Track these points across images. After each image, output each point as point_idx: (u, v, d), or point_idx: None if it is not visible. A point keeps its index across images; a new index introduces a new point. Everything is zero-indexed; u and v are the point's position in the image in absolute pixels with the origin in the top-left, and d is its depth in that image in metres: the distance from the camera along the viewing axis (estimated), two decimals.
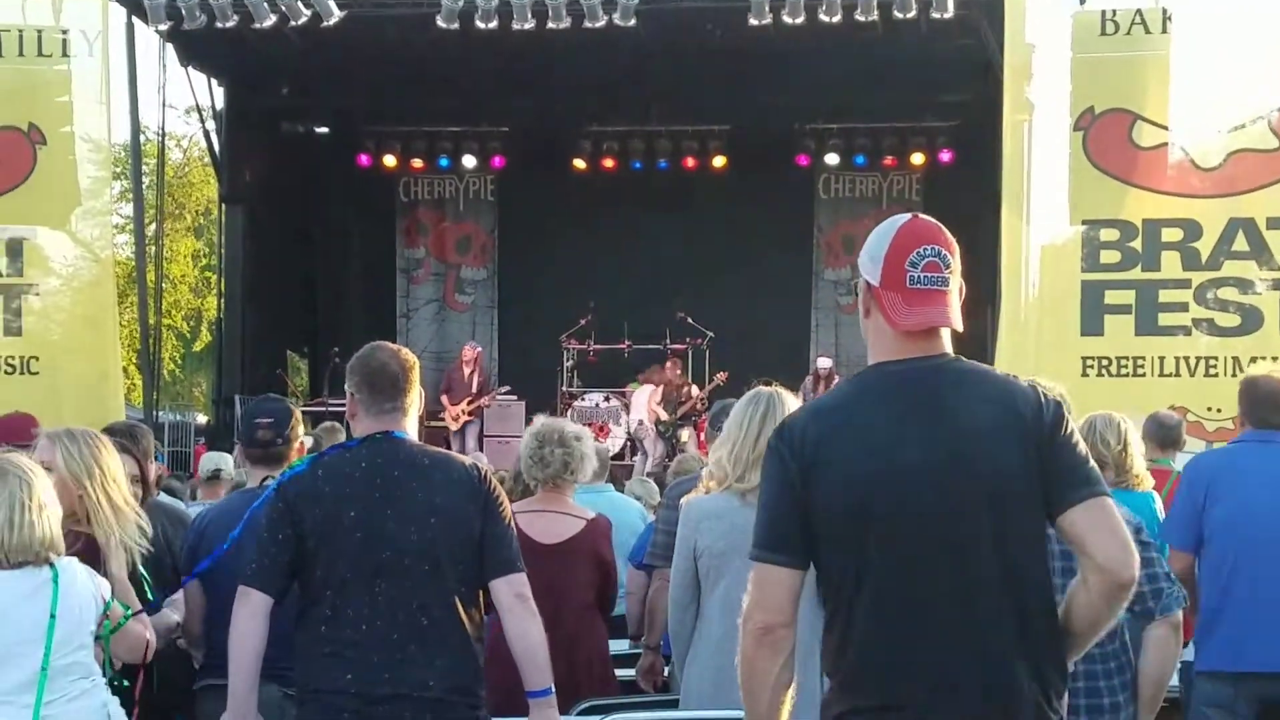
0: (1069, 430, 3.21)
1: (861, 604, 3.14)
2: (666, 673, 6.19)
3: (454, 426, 18.50)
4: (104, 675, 4.37)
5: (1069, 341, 13.09)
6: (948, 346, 3.27)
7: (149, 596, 4.95)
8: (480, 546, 4.30)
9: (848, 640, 3.16)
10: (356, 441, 4.39)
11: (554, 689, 4.38)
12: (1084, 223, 13.22)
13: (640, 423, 18.36)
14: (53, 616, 4.18)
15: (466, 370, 18.62)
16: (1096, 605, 3.14)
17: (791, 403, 5.18)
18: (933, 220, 3.32)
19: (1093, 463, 3.21)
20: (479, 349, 19.34)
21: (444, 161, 21.19)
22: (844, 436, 3.17)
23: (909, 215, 3.34)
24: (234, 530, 4.58)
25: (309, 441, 5.99)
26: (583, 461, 6.18)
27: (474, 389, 18.44)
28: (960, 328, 3.26)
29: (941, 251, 3.24)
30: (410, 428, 4.45)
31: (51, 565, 4.22)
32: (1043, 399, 3.20)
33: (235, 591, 4.30)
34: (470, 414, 18.43)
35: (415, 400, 4.48)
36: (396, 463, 4.31)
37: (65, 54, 13.41)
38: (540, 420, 6.44)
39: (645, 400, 18.29)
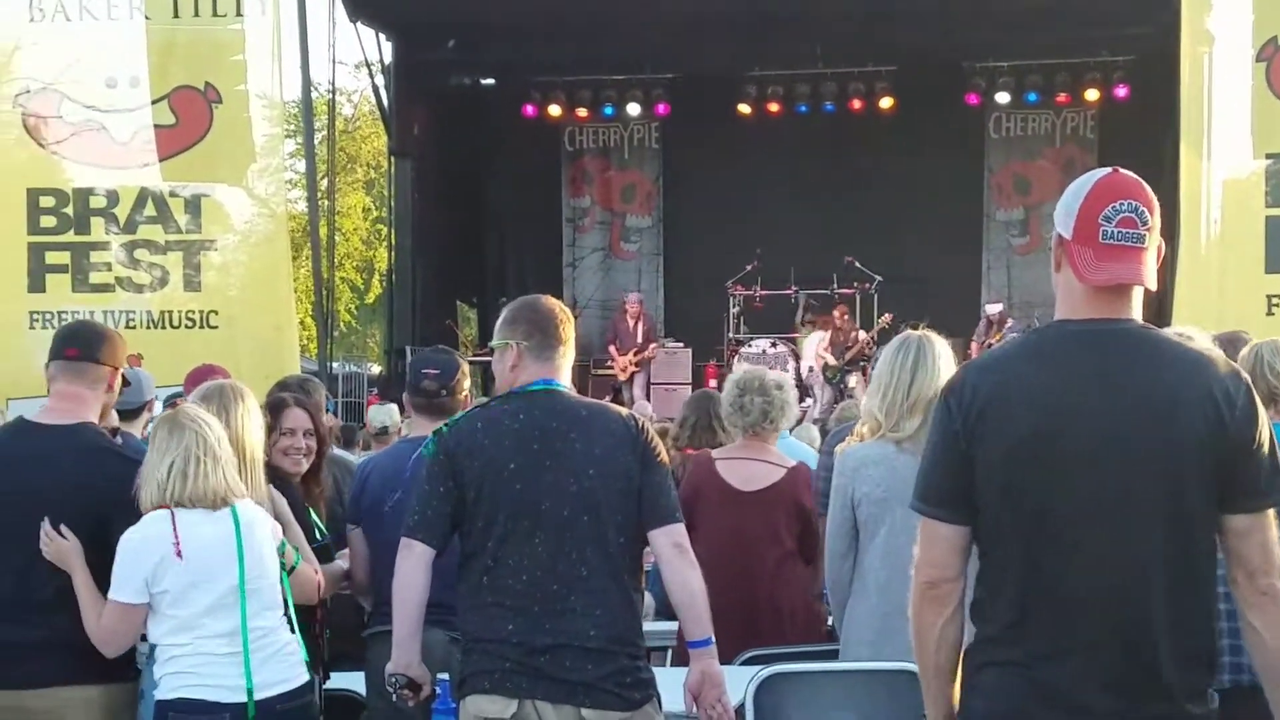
0: (1260, 425, 3.12)
1: (1017, 563, 3.13)
2: (829, 621, 6.22)
3: (622, 376, 18.72)
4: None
5: (1252, 280, 12.77)
6: (1137, 309, 3.20)
7: (317, 538, 5.13)
8: (639, 497, 4.32)
9: (1001, 595, 3.16)
10: (516, 393, 4.41)
11: (714, 639, 4.36)
12: (1267, 156, 12.87)
13: (810, 369, 18.34)
14: (239, 544, 4.39)
15: (631, 321, 18.76)
16: (1253, 613, 3.14)
17: (942, 348, 5.16)
18: (1133, 175, 3.23)
19: (1277, 468, 3.13)
20: (641, 298, 19.41)
21: (609, 110, 21.21)
22: (1014, 393, 3.13)
23: (1109, 169, 3.26)
24: (400, 477, 4.67)
25: None
26: (784, 410, 6.21)
27: (639, 339, 18.58)
28: (1154, 286, 3.19)
29: (1139, 207, 3.16)
30: (567, 379, 4.48)
31: (231, 506, 4.44)
32: (1238, 384, 3.12)
33: (398, 541, 4.38)
34: (637, 364, 18.59)
35: (572, 352, 4.51)
36: (555, 414, 4.34)
37: (239, 13, 13.69)
38: (742, 368, 6.44)
39: (814, 346, 18.28)
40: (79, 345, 4.77)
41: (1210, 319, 11.82)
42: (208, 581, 4.34)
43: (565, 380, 4.47)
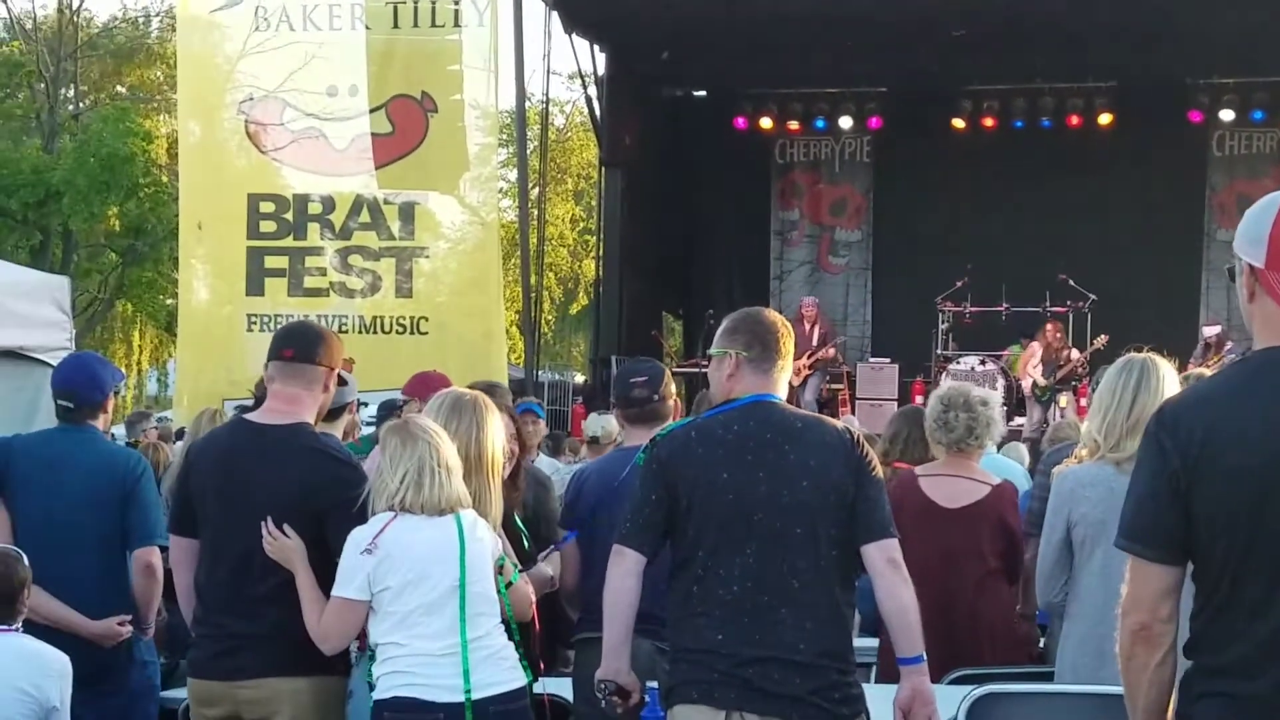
0: None
1: (1247, 594, 3.02)
2: (1041, 644, 6.11)
3: (795, 381, 18.54)
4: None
5: None
6: None
7: (525, 545, 5.16)
8: (852, 511, 4.27)
9: (1230, 628, 3.06)
10: (731, 405, 4.39)
11: (925, 656, 4.31)
12: None
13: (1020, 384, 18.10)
14: (462, 545, 4.43)
15: (807, 325, 18.54)
16: None
17: (1166, 370, 5.05)
18: None
19: None
20: (816, 302, 19.28)
21: (820, 123, 21.15)
22: (1234, 423, 3.02)
23: None
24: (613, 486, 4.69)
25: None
26: (989, 427, 6.09)
27: (814, 342, 18.37)
28: None
29: None
30: (783, 393, 4.47)
31: (456, 515, 4.49)
32: None
33: (609, 548, 4.39)
34: (810, 368, 18.37)
35: (789, 367, 4.48)
36: (769, 425, 4.31)
37: (457, 24, 13.91)
38: (947, 384, 6.38)
39: (1026, 362, 18.01)
40: (296, 346, 4.85)
41: None
42: (427, 580, 4.39)
43: (781, 394, 4.45)
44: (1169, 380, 5.03)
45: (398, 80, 13.85)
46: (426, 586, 4.39)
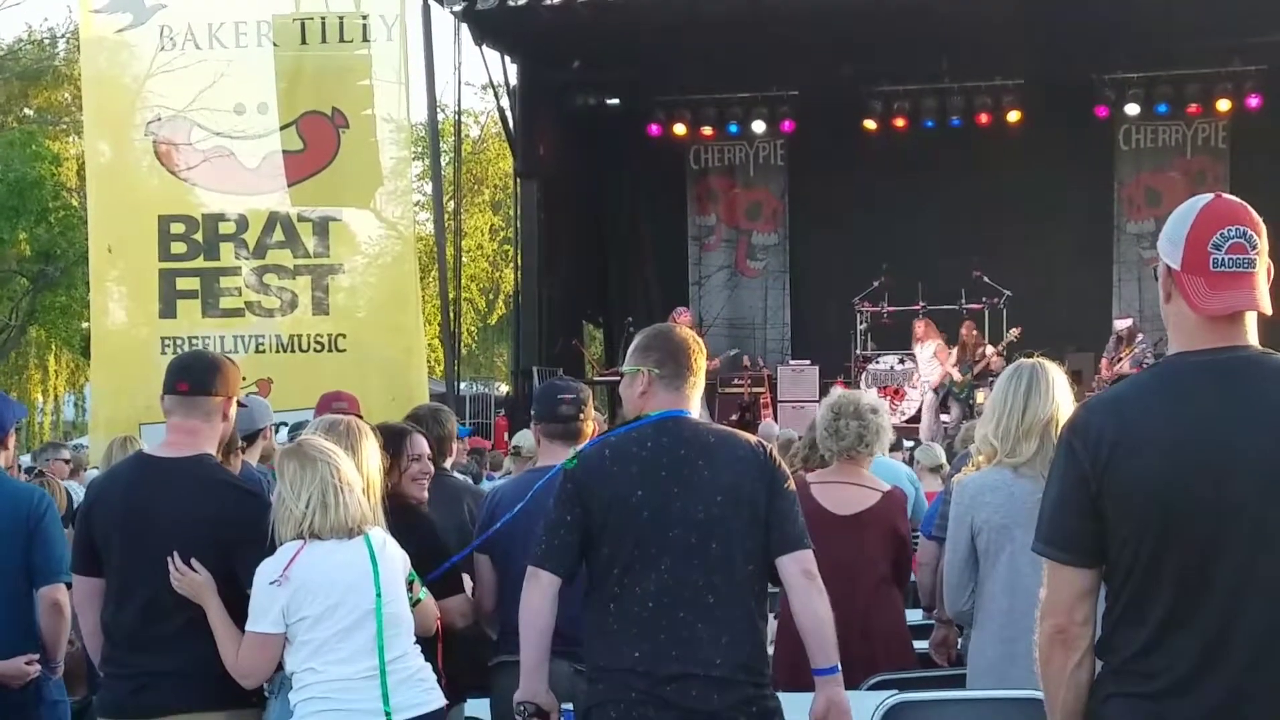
0: None
1: (1154, 596, 3.06)
2: (960, 645, 6.11)
3: None
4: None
5: None
6: (1253, 333, 3.13)
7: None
8: (766, 524, 4.28)
9: (1137, 630, 3.09)
10: (643, 421, 4.38)
11: (841, 666, 4.33)
12: None
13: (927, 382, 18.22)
14: (374, 566, 4.38)
15: None
16: None
17: (1056, 375, 5.10)
18: (1237, 200, 3.16)
19: None
20: (688, 311, 19.07)
21: (733, 128, 21.23)
22: (1145, 429, 3.06)
23: (1211, 195, 3.19)
24: (527, 507, 4.67)
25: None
26: (879, 434, 6.14)
27: None
28: (1269, 311, 3.13)
29: (1247, 232, 3.09)
30: (696, 410, 4.47)
31: (364, 534, 4.43)
32: None
33: (525, 570, 4.36)
34: None
35: (702, 383, 4.50)
36: (682, 442, 4.31)
37: (366, 39, 13.76)
38: (837, 391, 6.44)
39: (929, 357, 18.09)
40: (190, 379, 4.76)
41: None
42: (343, 606, 4.33)
43: (694, 410, 4.46)
44: (1059, 384, 5.08)
45: (308, 97, 13.68)
46: (342, 612, 4.33)
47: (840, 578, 5.81)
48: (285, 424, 7.81)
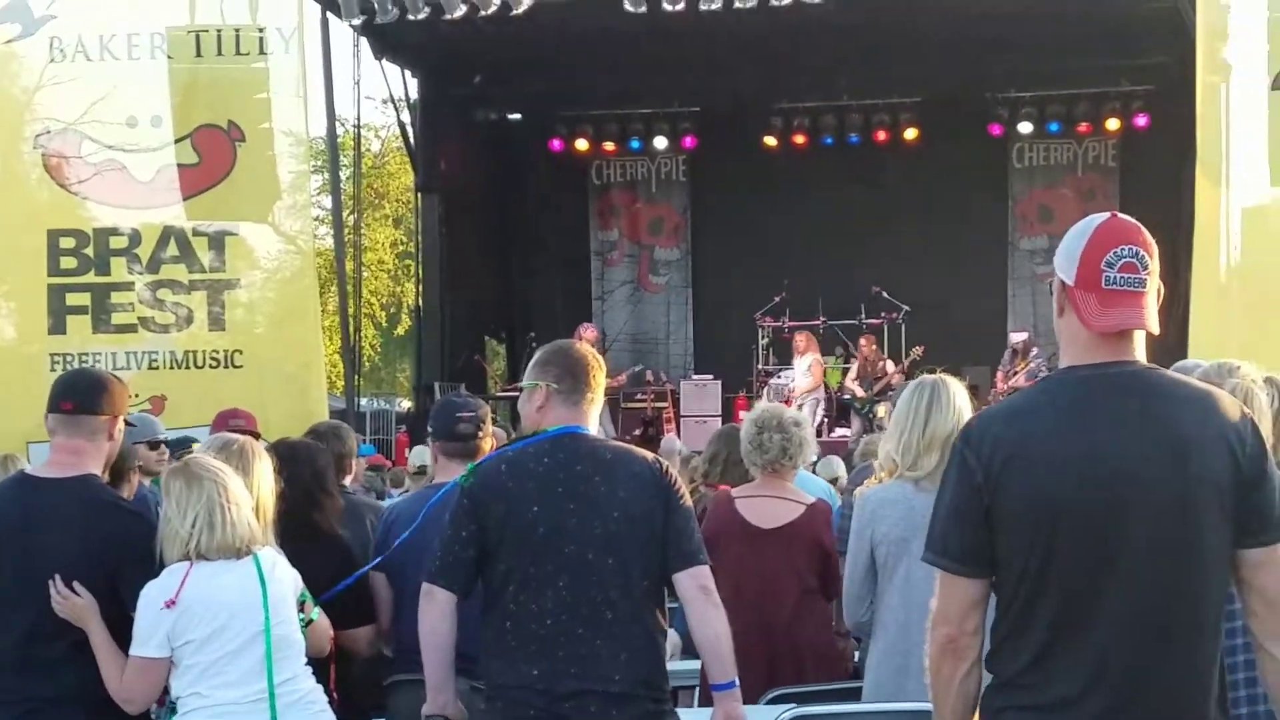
0: (1269, 460, 3.15)
1: (1042, 608, 3.09)
2: (857, 656, 6.17)
3: None
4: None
5: (1273, 305, 12.59)
6: (1141, 351, 3.20)
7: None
8: (663, 540, 4.27)
9: (1024, 642, 3.12)
10: (540, 437, 4.38)
11: (738, 682, 4.33)
12: None
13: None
14: (263, 587, 4.32)
15: None
16: (1275, 642, 3.15)
17: (957, 390, 5.16)
18: (1131, 220, 3.22)
19: None
20: (593, 327, 18.93)
21: (635, 144, 21.26)
22: (1036, 442, 3.10)
23: (1107, 214, 3.24)
24: (414, 523, 4.63)
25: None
26: (802, 447, 6.19)
27: None
28: (1156, 331, 3.19)
29: (1139, 252, 3.15)
30: (594, 426, 4.47)
31: (253, 554, 4.37)
32: (1245, 421, 3.14)
33: (420, 587, 4.32)
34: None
35: (600, 400, 4.50)
36: (579, 458, 4.31)
37: (262, 51, 13.58)
38: (760, 406, 6.47)
39: (805, 370, 18.14)
40: (75, 398, 4.65)
41: (1231, 345, 11.64)
42: (230, 628, 4.26)
43: (591, 426, 4.46)
44: (960, 399, 5.14)
45: (202, 110, 13.47)
46: (229, 635, 4.26)
47: (766, 591, 5.96)
48: (194, 440, 7.68)
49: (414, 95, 19.82)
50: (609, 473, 4.29)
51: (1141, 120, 19.46)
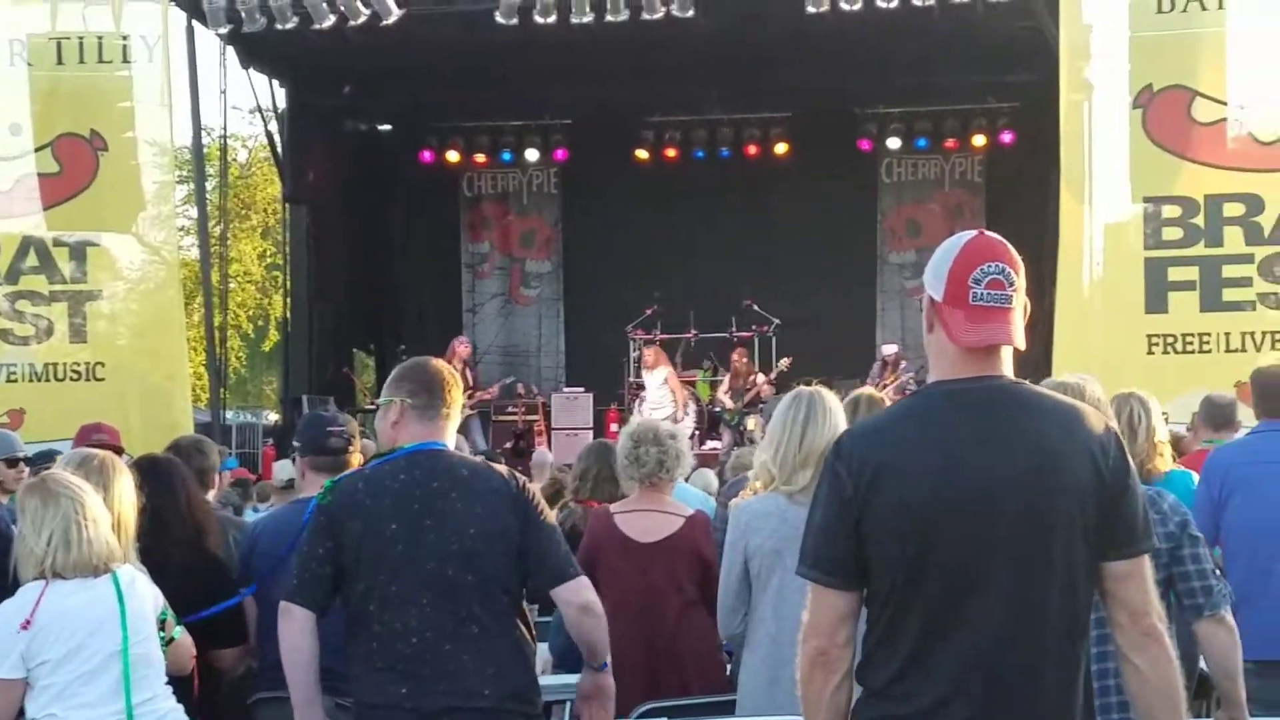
0: (1131, 473, 3.21)
1: (910, 621, 3.13)
2: (728, 669, 6.15)
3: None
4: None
5: (1133, 319, 12.93)
6: (1008, 366, 3.25)
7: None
8: (524, 556, 4.29)
9: (891, 655, 3.15)
10: (396, 454, 4.36)
11: (610, 664, 4.43)
12: (1145, 200, 13.07)
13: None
14: (121, 605, 4.25)
15: (459, 366, 18.21)
16: (1137, 653, 3.21)
17: (833, 403, 5.21)
18: (998, 237, 3.27)
19: (1148, 512, 3.26)
20: (467, 341, 18.87)
21: (507, 155, 21.20)
22: (904, 456, 3.15)
23: (974, 232, 3.30)
24: (290, 541, 4.58)
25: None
26: (678, 460, 6.21)
27: (470, 383, 17.87)
28: (1023, 346, 3.24)
29: (1006, 269, 3.20)
30: (451, 440, 4.46)
31: (111, 572, 4.30)
32: (1109, 435, 3.20)
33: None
34: (472, 408, 18.06)
35: (457, 415, 4.49)
36: (435, 473, 4.30)
37: (126, 60, 13.42)
38: (635, 420, 6.48)
39: (659, 384, 18.15)
40: None
41: (1094, 359, 11.94)
42: (87, 648, 4.19)
43: (448, 442, 4.45)
44: (835, 412, 5.19)
45: (64, 118, 13.28)
46: (86, 654, 4.19)
47: (648, 604, 5.98)
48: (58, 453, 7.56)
49: (282, 105, 19.57)
50: (466, 489, 4.29)
51: (1007, 137, 19.74)
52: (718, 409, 18.39)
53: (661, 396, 18.04)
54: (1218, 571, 4.60)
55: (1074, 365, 10.38)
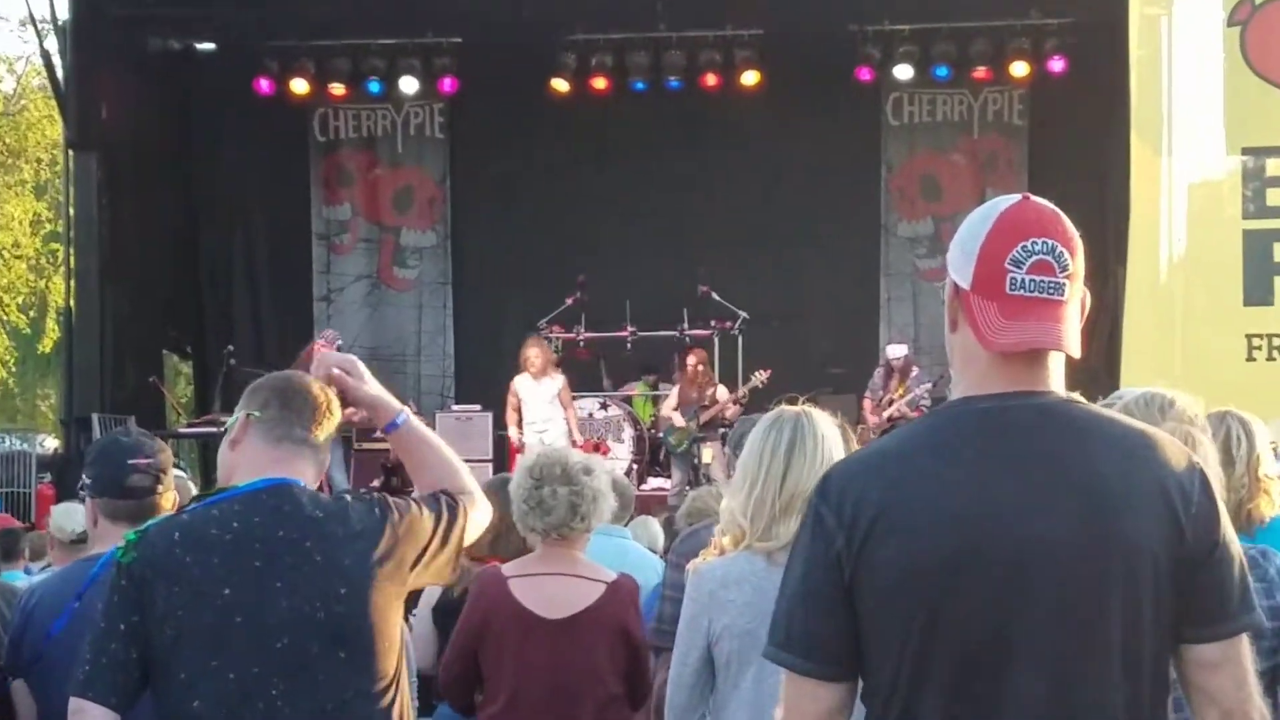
0: (1223, 525, 3.18)
1: (925, 714, 3.12)
2: None
3: None
4: None
5: (1228, 313, 13.06)
6: (1058, 379, 3.24)
7: None
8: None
9: None
10: (228, 494, 4.35)
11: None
12: (1245, 151, 13.19)
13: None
14: None
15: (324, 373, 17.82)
16: None
17: (827, 428, 5.19)
18: (1048, 204, 3.25)
19: (1246, 576, 3.21)
20: (337, 336, 18.87)
21: (374, 86, 21.14)
22: (915, 500, 3.14)
23: (1016, 197, 3.28)
24: (62, 614, 4.57)
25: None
26: (595, 502, 6.17)
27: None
28: (1077, 354, 3.22)
29: (1056, 248, 3.18)
30: (311, 478, 4.46)
31: None
32: (1192, 474, 3.16)
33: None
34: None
35: (324, 449, 4.53)
36: (282, 518, 4.29)
37: None
38: (536, 450, 6.43)
39: (553, 396, 18.15)
40: None
41: (1174, 366, 12.04)
42: None
43: (306, 479, 4.43)
44: (830, 441, 5.16)
45: None
46: None
47: (556, 700, 5.98)
48: None
49: (64, 14, 19.46)
50: (325, 536, 4.29)
51: (1058, 64, 19.81)
52: (663, 433, 18.37)
53: (550, 416, 17.90)
54: None
55: (1147, 375, 10.49)
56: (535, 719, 5.90)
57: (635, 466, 18.36)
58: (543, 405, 17.87)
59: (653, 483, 18.37)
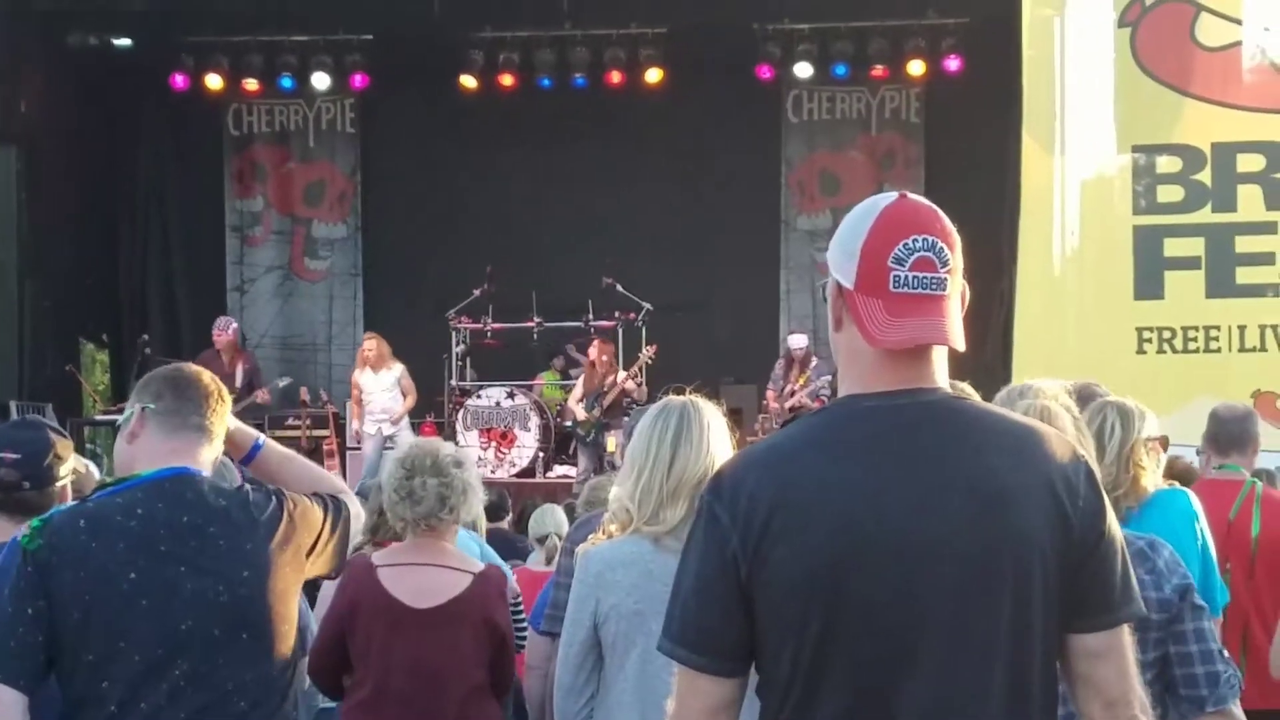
0: (1108, 517, 3.17)
1: (826, 707, 3.09)
2: None
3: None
4: None
5: (1119, 308, 13.08)
6: (942, 374, 3.22)
7: None
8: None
9: None
10: (131, 483, 4.34)
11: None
12: (1135, 149, 13.22)
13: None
14: None
15: (224, 358, 17.72)
16: None
17: (712, 417, 5.18)
18: (924, 201, 3.22)
19: (1129, 567, 3.21)
20: (234, 325, 18.65)
21: (287, 81, 21.11)
22: (807, 497, 3.09)
23: (895, 195, 3.24)
24: None
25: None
26: (465, 494, 6.16)
27: (237, 383, 17.41)
28: (962, 347, 3.18)
29: (937, 244, 3.15)
30: (208, 466, 4.48)
31: None
32: (1078, 467, 3.16)
33: None
34: (236, 415, 17.58)
35: (219, 435, 4.52)
36: (184, 506, 4.30)
37: None
38: (407, 442, 6.43)
39: (393, 383, 18.14)
40: None
41: (1066, 360, 12.02)
42: None
43: (202, 467, 4.45)
44: (715, 429, 5.16)
45: None
46: None
47: (422, 689, 5.96)
48: None
49: None
50: (227, 524, 4.32)
51: (954, 63, 19.90)
52: (569, 422, 18.34)
53: (388, 406, 17.96)
54: (1224, 653, 4.61)
55: (1040, 369, 10.46)
56: (401, 706, 5.89)
57: (542, 455, 18.34)
58: (382, 396, 18.10)
59: (558, 470, 18.33)
